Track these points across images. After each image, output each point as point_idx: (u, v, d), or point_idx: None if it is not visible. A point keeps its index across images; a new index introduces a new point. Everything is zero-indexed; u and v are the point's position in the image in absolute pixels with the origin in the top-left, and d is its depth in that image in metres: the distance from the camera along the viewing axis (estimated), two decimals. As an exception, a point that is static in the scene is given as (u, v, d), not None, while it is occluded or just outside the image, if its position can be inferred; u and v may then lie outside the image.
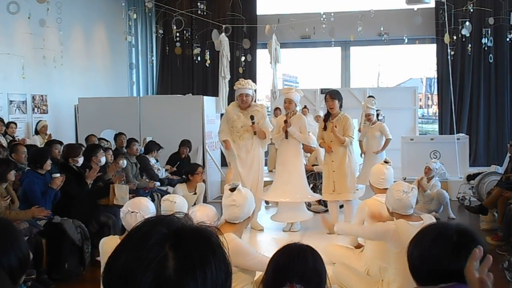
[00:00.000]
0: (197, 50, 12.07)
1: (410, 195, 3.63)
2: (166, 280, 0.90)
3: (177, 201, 4.02)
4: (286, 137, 6.42)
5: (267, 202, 7.96)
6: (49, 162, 5.35)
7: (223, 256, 0.99)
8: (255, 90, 6.80)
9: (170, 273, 0.90)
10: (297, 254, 2.04)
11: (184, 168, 7.37)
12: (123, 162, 6.85)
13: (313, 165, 8.00)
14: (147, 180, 7.47)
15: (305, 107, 10.74)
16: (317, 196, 6.92)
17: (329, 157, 6.39)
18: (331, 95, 6.41)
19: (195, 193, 5.89)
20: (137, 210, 3.39)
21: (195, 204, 5.99)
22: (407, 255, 1.90)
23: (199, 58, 12.35)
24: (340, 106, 6.42)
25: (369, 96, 9.81)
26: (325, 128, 6.42)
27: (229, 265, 1.00)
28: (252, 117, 6.49)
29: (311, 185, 7.73)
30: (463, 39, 11.60)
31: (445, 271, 1.75)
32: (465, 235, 1.82)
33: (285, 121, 6.42)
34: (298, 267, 2.00)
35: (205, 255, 0.95)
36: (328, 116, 6.45)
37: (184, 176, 6.87)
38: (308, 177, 7.65)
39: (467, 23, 10.72)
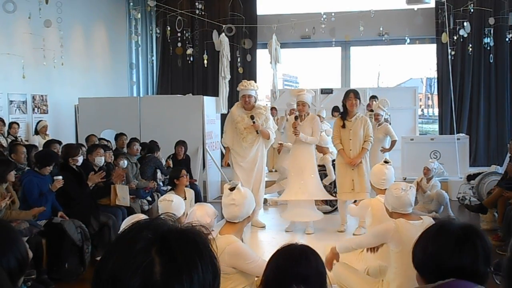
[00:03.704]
0: (190, 51, 12.11)
1: (409, 192, 3.65)
2: (153, 285, 0.91)
3: (175, 200, 4.02)
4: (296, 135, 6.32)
5: (265, 202, 7.95)
6: (49, 168, 5.32)
7: (210, 257, 0.99)
8: (256, 91, 6.82)
9: (156, 278, 0.92)
10: (299, 256, 2.03)
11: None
12: (124, 163, 6.85)
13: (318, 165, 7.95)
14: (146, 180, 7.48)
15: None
16: (330, 196, 6.86)
17: (346, 156, 6.36)
18: (356, 94, 6.40)
19: (185, 199, 5.84)
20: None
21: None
22: (412, 252, 1.90)
23: (192, 59, 12.39)
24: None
25: (372, 96, 9.83)
26: (343, 126, 6.40)
27: (216, 265, 1.00)
28: (252, 117, 6.49)
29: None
30: (461, 40, 11.61)
31: (446, 265, 1.74)
32: (470, 230, 1.81)
33: (295, 121, 6.35)
34: (301, 269, 1.99)
35: (191, 259, 0.96)
36: (345, 115, 6.44)
37: (169, 186, 6.85)
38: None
39: (466, 23, 10.72)
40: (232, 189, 3.36)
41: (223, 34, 10.24)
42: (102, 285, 0.94)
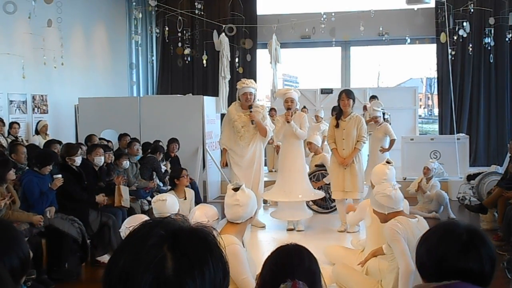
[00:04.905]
0: (187, 51, 12.10)
1: (397, 189, 3.77)
2: (165, 280, 0.91)
3: (168, 200, 4.01)
4: (288, 122, 6.42)
5: (265, 202, 7.95)
6: (49, 168, 5.31)
7: (220, 255, 1.00)
8: (256, 90, 6.87)
9: (169, 273, 0.92)
10: (294, 254, 2.04)
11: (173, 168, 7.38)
12: (126, 163, 6.84)
13: (316, 165, 7.96)
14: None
15: (304, 107, 10.73)
16: (321, 194, 6.89)
17: (339, 156, 6.41)
18: (348, 94, 6.46)
19: (185, 199, 5.84)
20: (134, 224, 3.41)
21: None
22: (415, 251, 1.90)
23: (189, 59, 12.40)
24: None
25: (372, 96, 9.82)
26: (337, 126, 6.44)
27: (226, 264, 1.01)
28: (250, 106, 6.58)
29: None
30: (461, 40, 11.61)
31: (452, 268, 1.73)
32: (475, 236, 1.80)
33: (288, 111, 6.47)
34: (297, 267, 2.00)
35: (203, 255, 0.97)
36: (340, 114, 6.48)
37: (169, 186, 6.84)
38: (310, 179, 7.61)
39: (465, 23, 10.72)
40: (236, 189, 3.34)
41: (223, 34, 10.24)
42: (114, 282, 0.95)
